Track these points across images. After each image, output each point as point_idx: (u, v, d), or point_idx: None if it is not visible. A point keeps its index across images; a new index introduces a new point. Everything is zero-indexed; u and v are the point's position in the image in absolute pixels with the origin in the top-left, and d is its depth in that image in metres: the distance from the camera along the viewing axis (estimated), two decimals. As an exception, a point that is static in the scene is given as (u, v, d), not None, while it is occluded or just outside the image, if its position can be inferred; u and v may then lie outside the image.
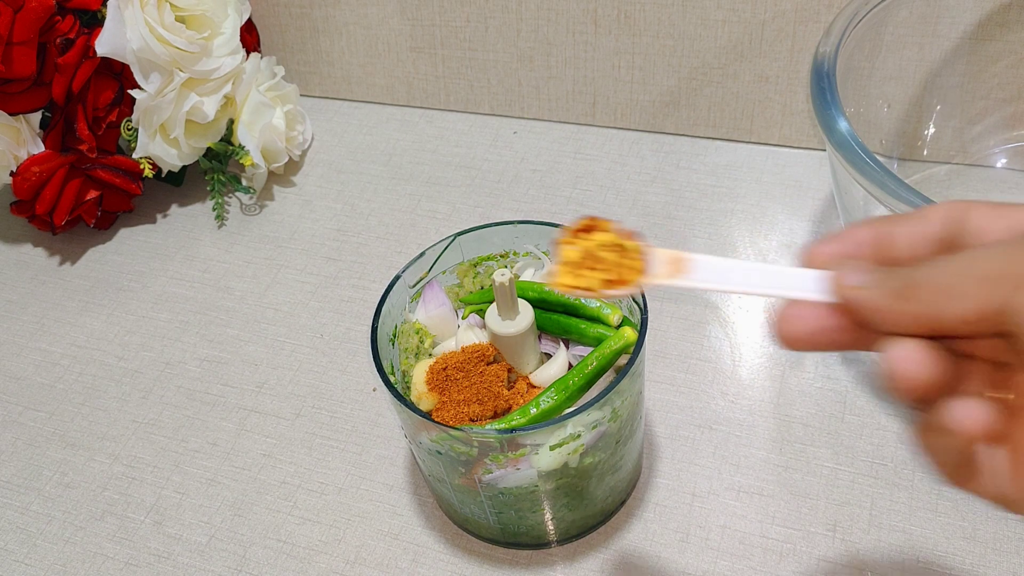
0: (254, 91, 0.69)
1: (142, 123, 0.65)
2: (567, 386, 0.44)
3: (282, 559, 0.50)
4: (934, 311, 0.24)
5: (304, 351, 0.60)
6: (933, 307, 0.24)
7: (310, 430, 0.56)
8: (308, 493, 0.53)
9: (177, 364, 0.60)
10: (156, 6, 0.62)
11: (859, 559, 0.47)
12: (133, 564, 0.50)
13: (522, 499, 0.44)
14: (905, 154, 0.65)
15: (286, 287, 0.65)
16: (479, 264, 0.50)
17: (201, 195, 0.73)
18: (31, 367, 0.62)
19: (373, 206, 0.70)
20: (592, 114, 0.74)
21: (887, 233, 0.27)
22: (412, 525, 0.51)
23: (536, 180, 0.70)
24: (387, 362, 0.46)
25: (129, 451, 0.56)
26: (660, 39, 0.68)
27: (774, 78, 0.67)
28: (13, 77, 0.60)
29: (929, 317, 0.25)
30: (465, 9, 0.71)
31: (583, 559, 0.48)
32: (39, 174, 0.64)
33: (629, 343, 0.44)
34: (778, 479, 0.50)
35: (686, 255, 0.29)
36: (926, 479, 0.49)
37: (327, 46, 0.78)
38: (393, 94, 0.79)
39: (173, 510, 0.53)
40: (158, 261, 0.68)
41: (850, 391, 0.54)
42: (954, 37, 0.60)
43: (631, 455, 0.47)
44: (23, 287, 0.67)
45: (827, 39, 0.52)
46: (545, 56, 0.72)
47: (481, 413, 0.44)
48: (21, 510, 0.54)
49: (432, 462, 0.44)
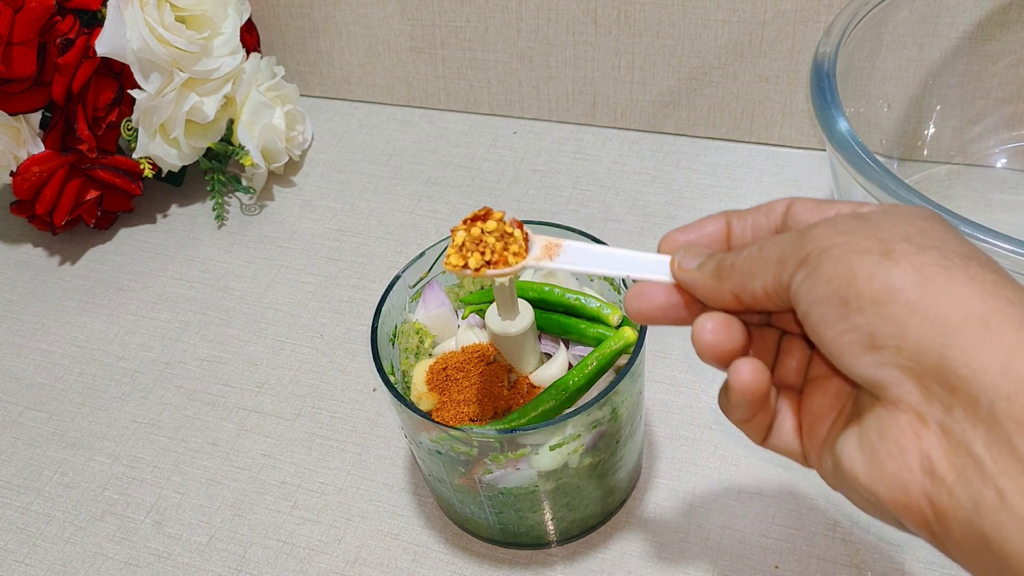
0: (254, 91, 0.69)
1: (142, 123, 0.65)
2: (567, 386, 0.44)
3: (282, 559, 0.50)
4: (740, 288, 0.29)
5: (304, 351, 0.60)
6: (739, 285, 0.29)
7: (310, 430, 0.56)
8: (308, 493, 0.53)
9: (177, 364, 0.60)
10: (156, 6, 0.62)
11: (859, 559, 0.47)
12: (133, 564, 0.50)
13: (522, 499, 0.44)
14: (905, 154, 0.65)
15: (286, 287, 0.65)
16: (479, 264, 0.50)
17: (201, 195, 0.73)
18: (31, 367, 0.62)
19: (373, 206, 0.70)
20: (592, 114, 0.74)
21: (737, 223, 0.32)
22: (412, 525, 0.51)
23: (536, 180, 0.70)
24: (387, 362, 0.46)
25: (129, 451, 0.56)
26: (660, 39, 0.68)
27: (774, 78, 0.67)
28: (13, 77, 0.60)
29: (737, 293, 0.29)
30: (465, 9, 0.71)
31: (583, 559, 0.48)
32: (39, 174, 0.64)
33: (629, 343, 0.44)
34: (778, 479, 0.50)
35: (559, 241, 0.34)
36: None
37: (327, 46, 0.78)
38: (393, 94, 0.79)
39: (173, 510, 0.53)
40: (158, 261, 0.68)
41: (850, 391, 0.54)
42: (954, 37, 0.60)
43: (631, 455, 0.47)
44: (23, 287, 0.67)
45: (827, 39, 0.52)
46: (545, 56, 0.72)
47: (481, 413, 0.44)
48: (21, 510, 0.54)
49: (432, 462, 0.44)
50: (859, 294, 0.25)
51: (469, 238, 0.34)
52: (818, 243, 0.27)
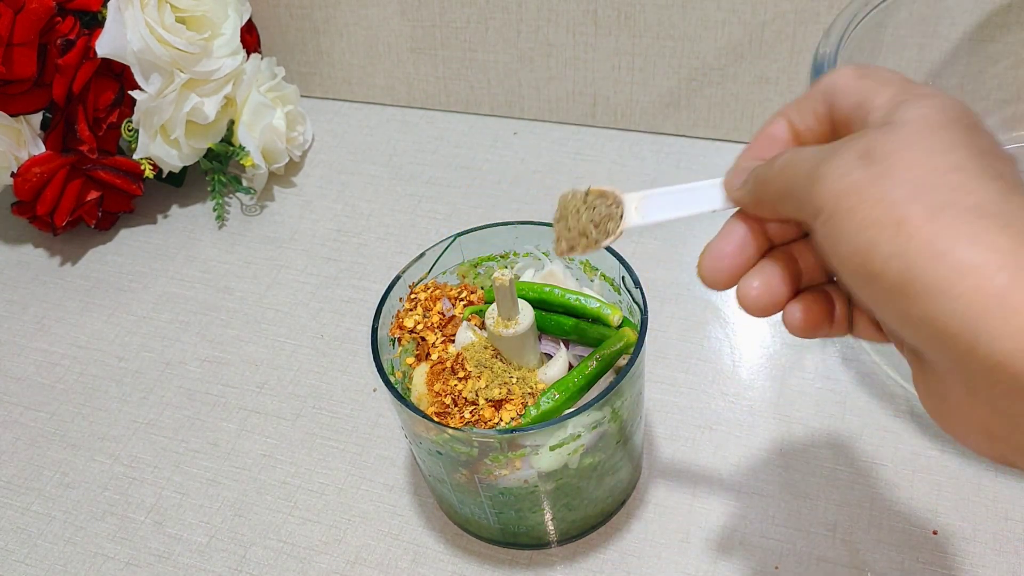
0: (254, 92, 0.69)
1: (143, 124, 0.66)
2: (567, 387, 0.44)
3: (282, 559, 0.50)
4: (774, 212, 0.30)
5: (304, 351, 0.60)
6: (772, 209, 0.30)
7: (310, 430, 0.56)
8: (308, 493, 0.53)
9: (177, 364, 0.61)
10: (156, 7, 0.62)
11: (859, 559, 0.47)
12: (133, 564, 0.50)
13: (522, 499, 0.44)
14: (905, 154, 0.65)
15: (286, 287, 0.65)
16: (479, 265, 0.50)
17: (201, 196, 0.73)
18: (32, 367, 0.62)
19: (373, 207, 0.70)
20: (592, 115, 0.74)
21: (798, 117, 0.32)
22: (412, 525, 0.51)
23: (536, 181, 0.70)
24: (387, 362, 0.46)
25: (129, 451, 0.56)
26: (660, 40, 0.68)
27: (774, 79, 0.67)
28: (14, 78, 0.60)
29: (766, 205, 0.31)
30: (465, 10, 0.71)
31: (583, 559, 0.48)
32: (40, 175, 0.64)
33: (629, 344, 0.45)
34: (778, 479, 0.50)
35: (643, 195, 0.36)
36: (926, 479, 0.49)
37: (328, 47, 0.78)
38: (393, 95, 0.79)
39: (173, 510, 0.53)
40: (159, 262, 0.68)
41: (850, 391, 0.54)
42: (954, 38, 0.60)
43: (631, 455, 0.48)
44: (24, 288, 0.67)
45: (827, 40, 0.52)
46: (545, 57, 0.72)
47: (482, 414, 0.44)
48: (21, 510, 0.54)
49: (432, 462, 0.44)
50: (882, 275, 0.25)
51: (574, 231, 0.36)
52: (828, 200, 0.26)
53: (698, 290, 0.61)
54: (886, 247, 0.25)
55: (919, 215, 0.25)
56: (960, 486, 0.49)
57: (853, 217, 0.26)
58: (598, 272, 0.48)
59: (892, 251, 0.25)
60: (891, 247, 0.25)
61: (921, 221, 0.24)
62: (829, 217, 0.26)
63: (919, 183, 0.25)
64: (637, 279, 0.45)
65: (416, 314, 0.47)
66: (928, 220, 0.24)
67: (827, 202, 0.26)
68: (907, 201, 0.25)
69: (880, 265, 0.25)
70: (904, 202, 0.25)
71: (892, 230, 0.25)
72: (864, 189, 0.26)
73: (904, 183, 0.25)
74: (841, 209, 0.26)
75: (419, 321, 0.47)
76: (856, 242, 0.25)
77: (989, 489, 0.49)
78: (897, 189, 0.25)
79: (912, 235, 0.24)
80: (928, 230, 0.24)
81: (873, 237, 0.25)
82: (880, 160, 0.26)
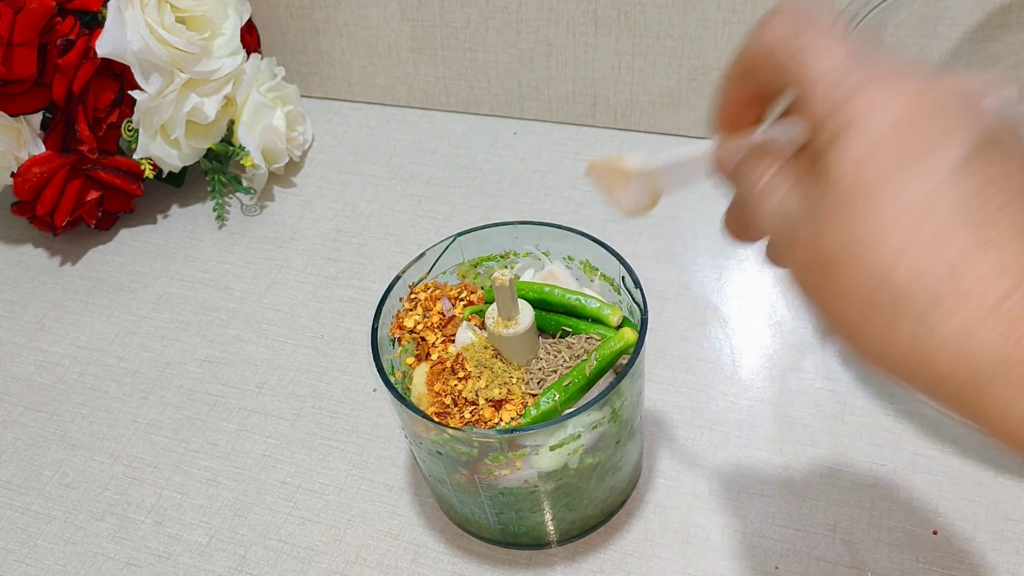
0: (254, 92, 0.69)
1: (143, 124, 0.66)
2: (567, 387, 0.44)
3: (282, 559, 0.50)
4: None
5: (304, 351, 0.60)
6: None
7: (310, 430, 0.56)
8: (308, 493, 0.53)
9: (177, 364, 0.61)
10: (156, 7, 0.62)
11: (859, 559, 0.47)
12: (133, 564, 0.50)
13: (522, 499, 0.44)
14: (905, 155, 0.65)
15: (286, 287, 0.65)
16: (479, 265, 0.50)
17: (202, 196, 0.73)
18: (32, 367, 0.62)
19: (373, 207, 0.70)
20: (592, 115, 0.74)
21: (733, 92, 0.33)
22: (412, 525, 0.51)
23: (536, 181, 0.70)
24: (387, 362, 0.46)
25: (129, 451, 0.56)
26: (660, 39, 0.68)
27: (774, 79, 0.67)
28: (14, 78, 0.60)
29: None
30: (465, 10, 0.71)
31: (583, 559, 0.48)
32: (40, 175, 0.64)
33: (629, 344, 0.44)
34: (778, 479, 0.50)
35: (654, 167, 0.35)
36: (926, 479, 0.49)
37: (328, 47, 0.78)
38: (393, 95, 0.79)
39: (173, 510, 0.53)
40: (159, 262, 0.68)
41: (850, 391, 0.54)
42: (954, 38, 0.60)
43: (631, 455, 0.48)
44: (24, 288, 0.67)
45: (827, 40, 0.52)
46: (545, 57, 0.72)
47: (482, 414, 0.44)
48: (21, 510, 0.54)
49: (432, 462, 0.44)
50: (882, 305, 0.25)
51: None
52: (828, 241, 0.26)
53: (698, 290, 0.61)
54: (879, 275, 0.25)
55: (912, 252, 0.25)
56: (960, 486, 0.49)
57: (852, 257, 0.26)
58: (598, 272, 0.48)
59: (883, 283, 0.25)
60: (883, 281, 0.25)
61: (915, 254, 0.25)
62: (827, 260, 0.27)
63: (912, 207, 0.25)
64: (637, 279, 0.45)
65: (416, 314, 0.47)
66: (922, 256, 0.25)
67: (828, 242, 0.27)
68: (900, 230, 0.25)
69: (880, 297, 0.26)
70: (895, 228, 0.25)
71: (887, 271, 0.25)
72: (862, 217, 0.25)
73: (897, 202, 0.25)
74: (841, 251, 0.26)
75: (419, 321, 0.47)
76: (860, 273, 0.26)
77: (989, 489, 0.49)
78: (890, 211, 0.25)
79: (903, 273, 0.25)
80: (920, 266, 0.25)
81: (869, 272, 0.26)
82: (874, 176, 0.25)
